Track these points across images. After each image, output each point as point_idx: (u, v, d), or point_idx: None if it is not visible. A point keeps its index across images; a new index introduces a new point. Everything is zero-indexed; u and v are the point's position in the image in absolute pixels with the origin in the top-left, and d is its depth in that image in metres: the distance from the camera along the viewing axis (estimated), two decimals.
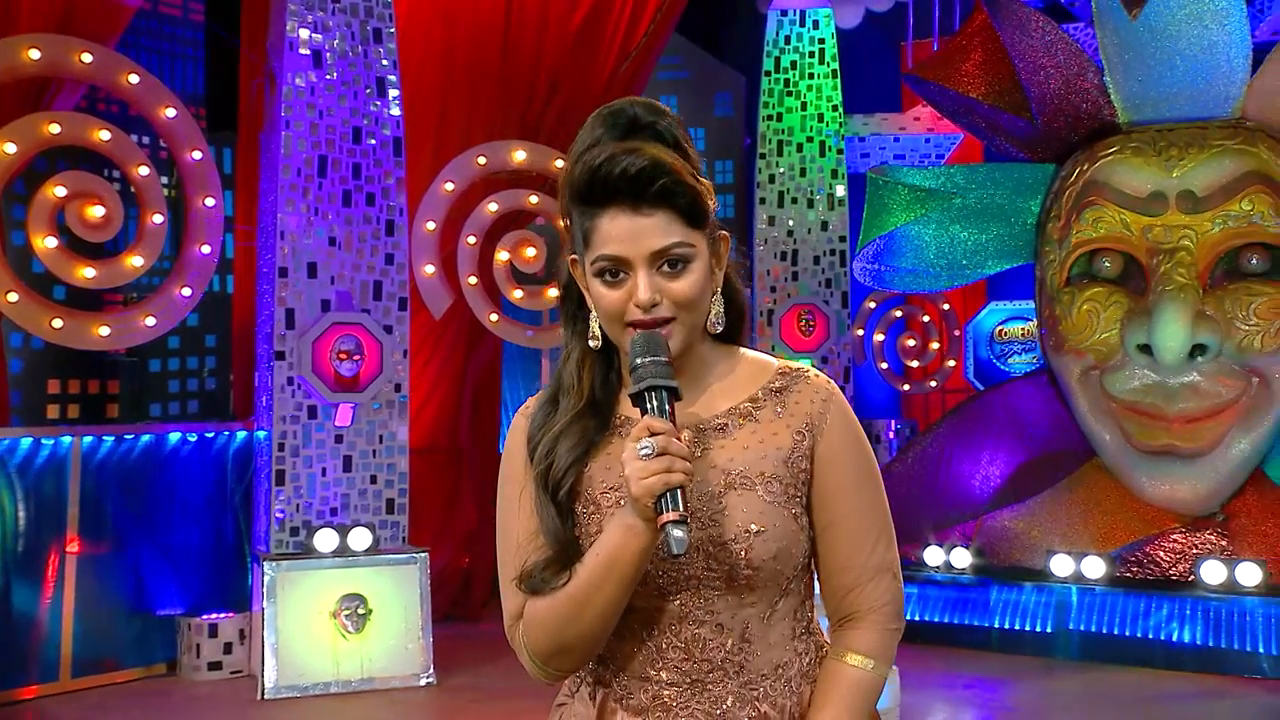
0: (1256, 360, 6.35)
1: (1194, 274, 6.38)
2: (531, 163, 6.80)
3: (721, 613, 1.59)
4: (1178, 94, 6.58)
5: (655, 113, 1.62)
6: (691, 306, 1.58)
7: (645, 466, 1.46)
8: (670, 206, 1.55)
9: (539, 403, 1.71)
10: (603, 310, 1.59)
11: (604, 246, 1.56)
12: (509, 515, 1.68)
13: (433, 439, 7.35)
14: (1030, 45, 6.65)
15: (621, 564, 1.53)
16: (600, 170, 1.54)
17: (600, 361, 1.66)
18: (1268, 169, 6.44)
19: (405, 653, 5.85)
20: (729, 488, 1.59)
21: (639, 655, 1.63)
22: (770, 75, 8.81)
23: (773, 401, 1.64)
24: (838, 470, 1.63)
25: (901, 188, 6.82)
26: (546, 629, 1.59)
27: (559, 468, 1.61)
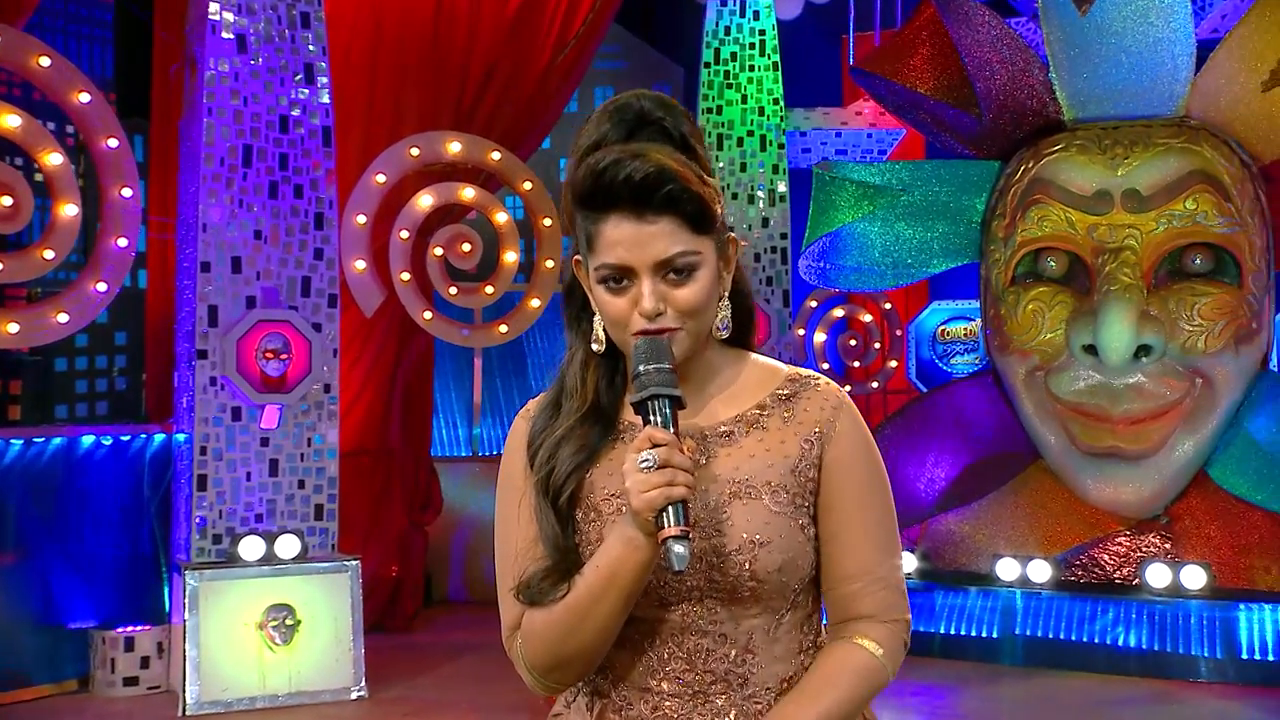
0: (1200, 361, 6.51)
1: (1139, 274, 6.53)
2: (467, 154, 6.76)
3: (725, 623, 1.60)
4: (1123, 91, 6.72)
5: (664, 108, 1.61)
6: (697, 315, 1.58)
7: (646, 479, 1.46)
8: (676, 213, 1.54)
9: (540, 405, 1.70)
10: (606, 317, 1.59)
11: (607, 254, 1.56)
12: (508, 522, 1.68)
13: (360, 441, 7.28)
14: (976, 40, 6.76)
15: (621, 578, 1.53)
16: (604, 175, 1.54)
17: (605, 365, 1.66)
18: (1211, 168, 6.61)
19: (335, 665, 5.79)
20: (734, 497, 1.59)
21: (639, 665, 1.62)
22: (710, 67, 8.85)
23: (780, 409, 1.65)
24: (845, 479, 1.63)
25: (848, 184, 6.90)
26: (545, 641, 1.59)
27: (560, 473, 1.61)
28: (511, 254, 6.82)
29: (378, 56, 7.35)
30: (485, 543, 8.57)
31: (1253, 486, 6.50)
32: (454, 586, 8.62)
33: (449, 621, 7.84)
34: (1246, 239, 6.59)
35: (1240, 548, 6.54)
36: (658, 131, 1.60)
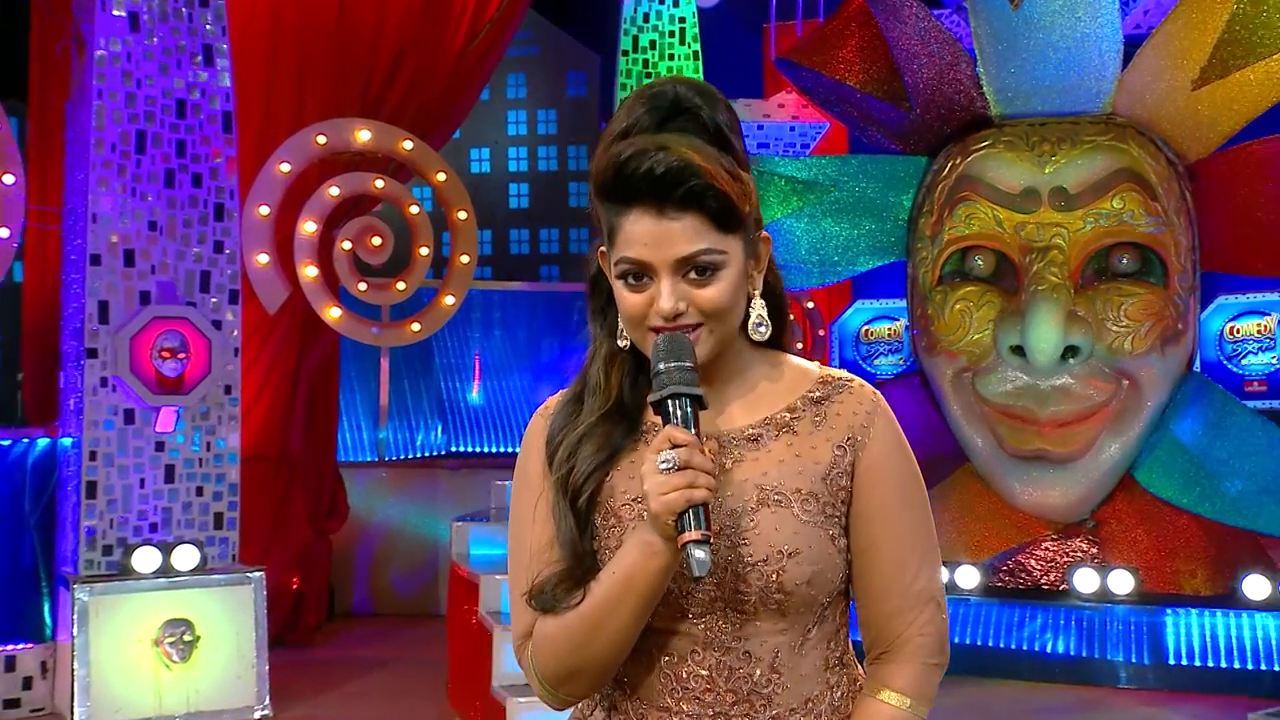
0: (1126, 362, 6.67)
1: (1066, 273, 6.67)
2: (377, 143, 6.69)
3: (750, 639, 1.56)
4: (1050, 87, 6.86)
5: (701, 95, 1.58)
6: (720, 315, 1.55)
7: (666, 481, 1.43)
8: (699, 210, 1.51)
9: (560, 402, 1.67)
10: (624, 313, 1.56)
11: (627, 249, 1.53)
12: (522, 524, 1.64)
13: (260, 446, 7.15)
14: (904, 32, 6.85)
15: (639, 585, 1.49)
16: (625, 167, 1.51)
17: (630, 361, 1.62)
18: (1138, 167, 6.77)
19: (237, 683, 5.68)
20: (761, 504, 1.55)
21: (658, 683, 1.59)
22: (628, 55, 8.86)
23: (812, 412, 1.61)
24: (881, 488, 1.59)
25: (778, 179, 6.95)
26: (557, 651, 1.55)
27: (580, 473, 1.57)
28: (425, 248, 6.76)
29: (278, 39, 7.23)
30: (392, 552, 8.49)
31: (1179, 490, 6.67)
32: (359, 598, 8.52)
33: (354, 636, 7.75)
34: (1172, 239, 6.77)
35: (1167, 552, 6.72)
36: (691, 120, 1.56)
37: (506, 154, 9.26)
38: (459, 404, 9.17)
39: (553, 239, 9.04)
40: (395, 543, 8.55)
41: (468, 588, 5.62)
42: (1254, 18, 6.31)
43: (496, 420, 9.14)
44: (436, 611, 8.45)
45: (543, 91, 9.33)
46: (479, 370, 9.15)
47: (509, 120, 9.32)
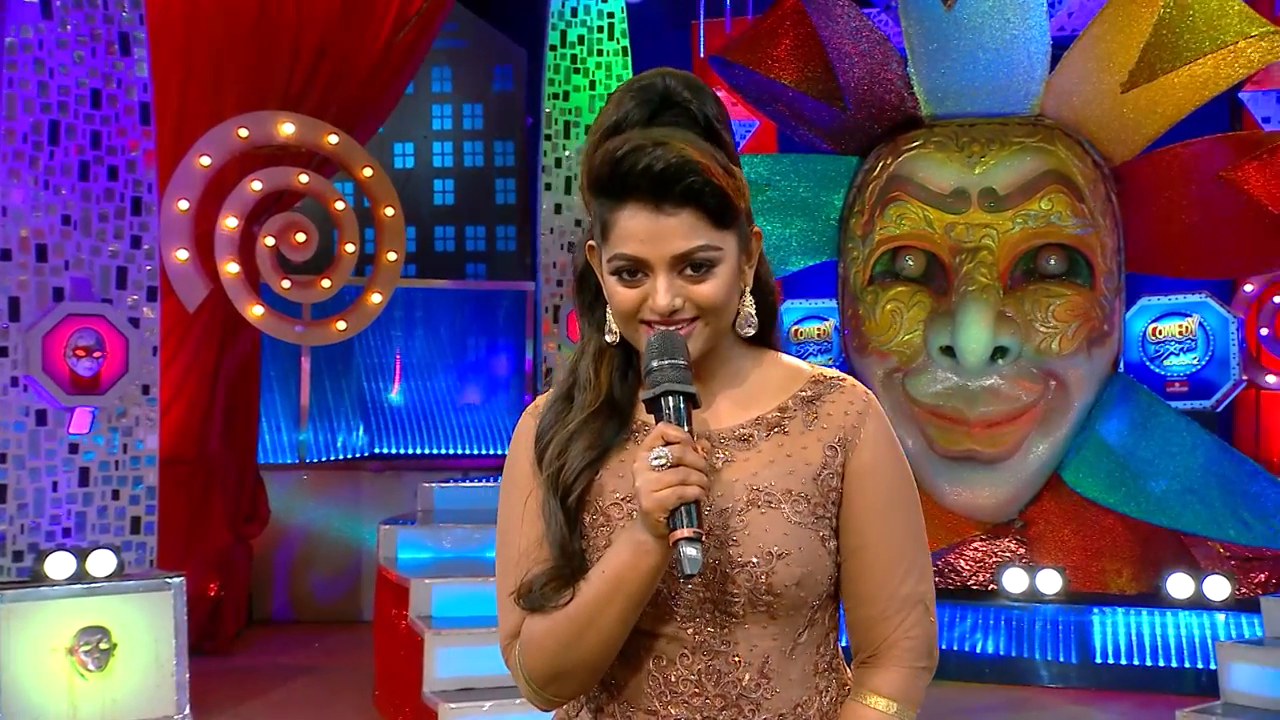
0: (1054, 363, 6.82)
1: (995, 274, 6.79)
2: (301, 137, 6.62)
3: (740, 643, 1.56)
4: (980, 88, 6.99)
5: (690, 88, 1.59)
6: (716, 311, 1.56)
7: (658, 478, 1.43)
8: (696, 206, 1.51)
9: (549, 400, 1.66)
10: (616, 309, 1.57)
11: (622, 245, 1.53)
12: (510, 523, 1.63)
13: (177, 448, 7.05)
14: (836, 31, 6.94)
15: (629, 584, 1.50)
16: (622, 163, 1.51)
17: (619, 357, 1.63)
18: (1065, 168, 6.92)
19: (156, 692, 5.59)
20: (751, 505, 1.56)
21: (646, 686, 1.59)
22: (556, 50, 8.85)
23: (803, 411, 1.61)
24: (871, 489, 1.60)
25: None
26: (544, 651, 1.55)
27: (570, 471, 1.57)
28: (350, 245, 6.70)
29: (193, 27, 7.13)
30: (312, 557, 8.41)
31: (1105, 489, 6.83)
32: (278, 605, 8.42)
33: (274, 643, 7.66)
34: (1099, 240, 6.93)
35: (1093, 551, 6.88)
36: (682, 114, 1.57)
37: (431, 149, 9.22)
38: (382, 405, 9.11)
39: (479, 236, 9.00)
40: (316, 547, 8.47)
41: (397, 592, 5.59)
42: (1180, 22, 6.48)
43: (421, 421, 9.09)
44: (360, 618, 8.38)
45: (468, 86, 9.28)
46: (399, 370, 9.09)
47: (434, 115, 9.26)
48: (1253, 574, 7.17)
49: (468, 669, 5.00)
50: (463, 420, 9.16)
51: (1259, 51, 6.58)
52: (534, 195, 9.26)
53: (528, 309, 9.12)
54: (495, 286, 9.44)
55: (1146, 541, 6.86)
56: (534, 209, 9.29)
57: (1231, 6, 6.45)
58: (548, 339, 8.66)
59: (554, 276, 8.69)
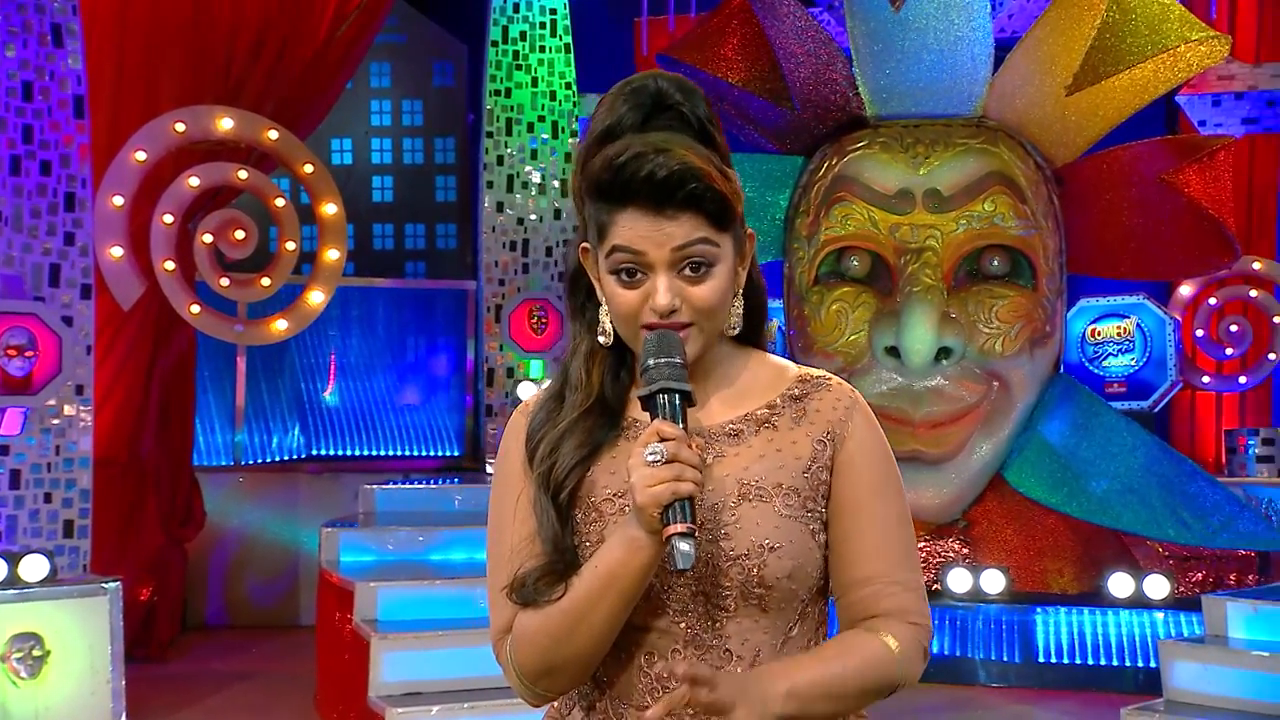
0: (997, 364, 6.93)
1: (939, 275, 6.89)
2: (240, 132, 6.56)
3: (731, 637, 1.60)
4: (924, 89, 7.09)
5: (682, 90, 1.63)
6: (712, 313, 1.60)
7: (653, 474, 1.47)
8: (697, 211, 1.56)
9: (540, 400, 1.69)
10: (615, 309, 1.60)
11: (623, 245, 1.57)
12: (502, 520, 1.66)
13: (110, 450, 6.94)
14: (781, 30, 7.00)
15: (622, 580, 1.53)
16: (624, 170, 1.54)
17: (610, 358, 1.66)
18: (1008, 170, 7.04)
19: (91, 700, 5.51)
20: (742, 499, 1.60)
21: (638, 681, 1.62)
22: (498, 46, 8.85)
23: (792, 409, 1.66)
24: (860, 478, 1.64)
25: None
26: (536, 646, 1.58)
27: (562, 468, 1.61)
28: (291, 243, 6.65)
29: (127, 18, 7.04)
30: (248, 561, 8.33)
31: (1047, 490, 6.95)
32: (213, 610, 8.34)
33: (209, 648, 7.58)
34: (1041, 242, 7.05)
35: (1036, 551, 7.01)
36: (675, 117, 1.62)
37: (370, 145, 9.14)
38: (318, 405, 9.04)
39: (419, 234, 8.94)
40: (252, 551, 8.39)
41: (340, 596, 5.55)
42: (1122, 26, 6.61)
43: (359, 422, 9.03)
44: (297, 622, 8.33)
45: (408, 81, 9.21)
46: (333, 371, 9.03)
47: (372, 110, 9.19)
48: (1190, 573, 7.35)
49: (414, 673, 4.99)
50: (402, 421, 9.12)
51: (1198, 55, 6.74)
52: (475, 193, 9.25)
53: (469, 308, 9.10)
54: (435, 285, 9.39)
55: (1088, 541, 6.99)
56: (475, 207, 9.27)
57: (1172, 11, 6.60)
58: (489, 339, 8.65)
59: (496, 276, 8.69)
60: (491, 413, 8.60)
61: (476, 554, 6.17)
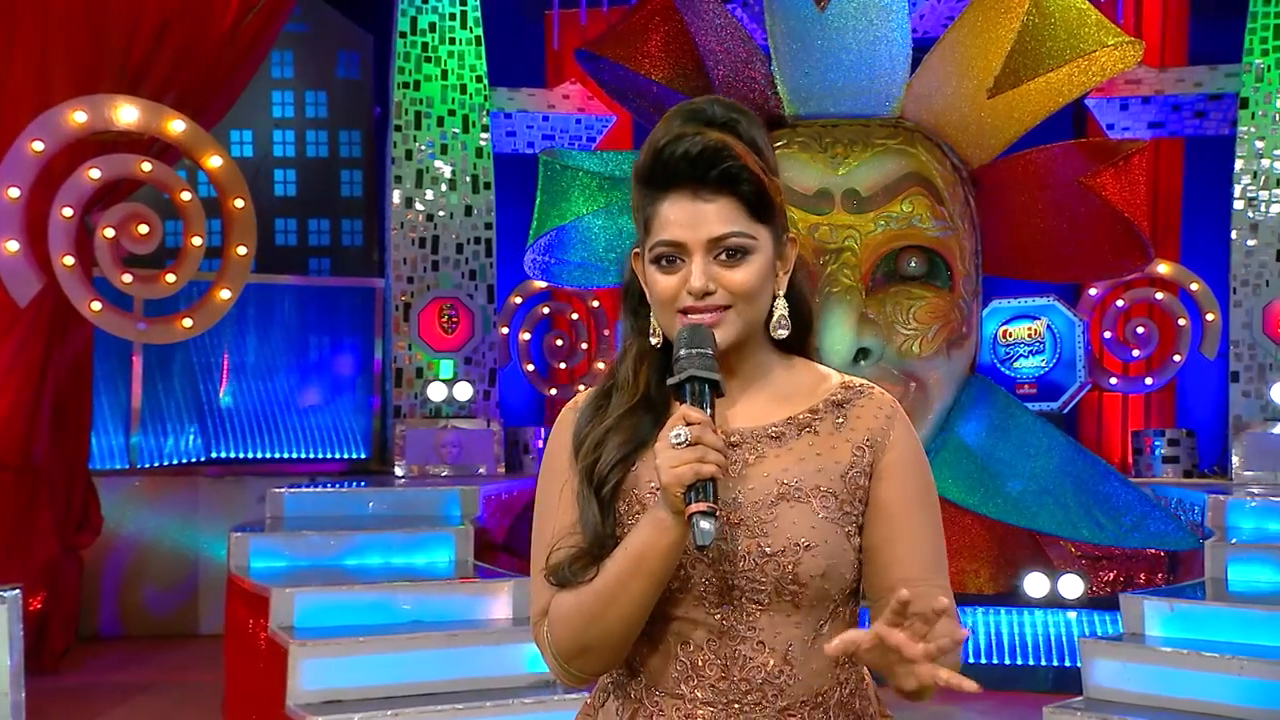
0: (914, 365, 7.08)
1: (858, 276, 7.03)
2: (144, 123, 6.45)
3: (764, 630, 1.69)
4: (842, 89, 7.22)
5: (736, 111, 1.73)
6: (748, 298, 1.69)
7: (678, 455, 1.56)
8: (733, 193, 1.67)
9: (589, 397, 1.80)
10: (656, 296, 1.70)
11: (662, 232, 1.68)
12: (547, 509, 1.76)
13: (2, 454, 6.79)
14: (701, 27, 7.09)
15: (649, 560, 1.62)
16: (664, 152, 1.66)
17: (659, 360, 1.75)
18: (926, 171, 7.20)
19: None
20: (781, 498, 1.70)
21: (672, 670, 1.71)
22: (406, 37, 8.81)
23: (833, 414, 1.77)
24: (900, 485, 1.74)
25: (583, 174, 7.06)
26: (571, 626, 1.68)
27: (606, 462, 1.70)
28: (197, 238, 6.56)
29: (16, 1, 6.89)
30: (144, 568, 8.20)
31: (964, 491, 7.12)
32: (106, 619, 8.18)
33: (106, 660, 7.45)
34: (958, 243, 7.23)
35: (952, 552, 7.04)
36: (729, 132, 1.72)
37: (271, 137, 8.97)
38: (218, 407, 8.90)
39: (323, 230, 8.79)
40: (149, 558, 8.25)
41: (253, 602, 5.50)
42: (1042, 29, 6.81)
43: (260, 424, 8.90)
44: (197, 630, 8.21)
45: (311, 72, 9.07)
46: (226, 370, 8.90)
47: (274, 101, 9.02)
48: (1102, 573, 7.59)
49: (335, 681, 4.96)
50: (306, 422, 9.02)
51: (1113, 60, 6.97)
52: (383, 188, 9.18)
53: (376, 306, 9.04)
54: (341, 283, 9.30)
55: (1003, 542, 7.18)
56: (382, 202, 9.21)
57: (1089, 16, 6.81)
58: (398, 338, 8.61)
59: (404, 273, 8.64)
60: (400, 414, 8.55)
61: (393, 558, 6.17)
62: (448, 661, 5.13)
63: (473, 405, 8.57)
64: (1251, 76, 8.33)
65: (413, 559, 6.20)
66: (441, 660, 5.13)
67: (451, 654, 5.16)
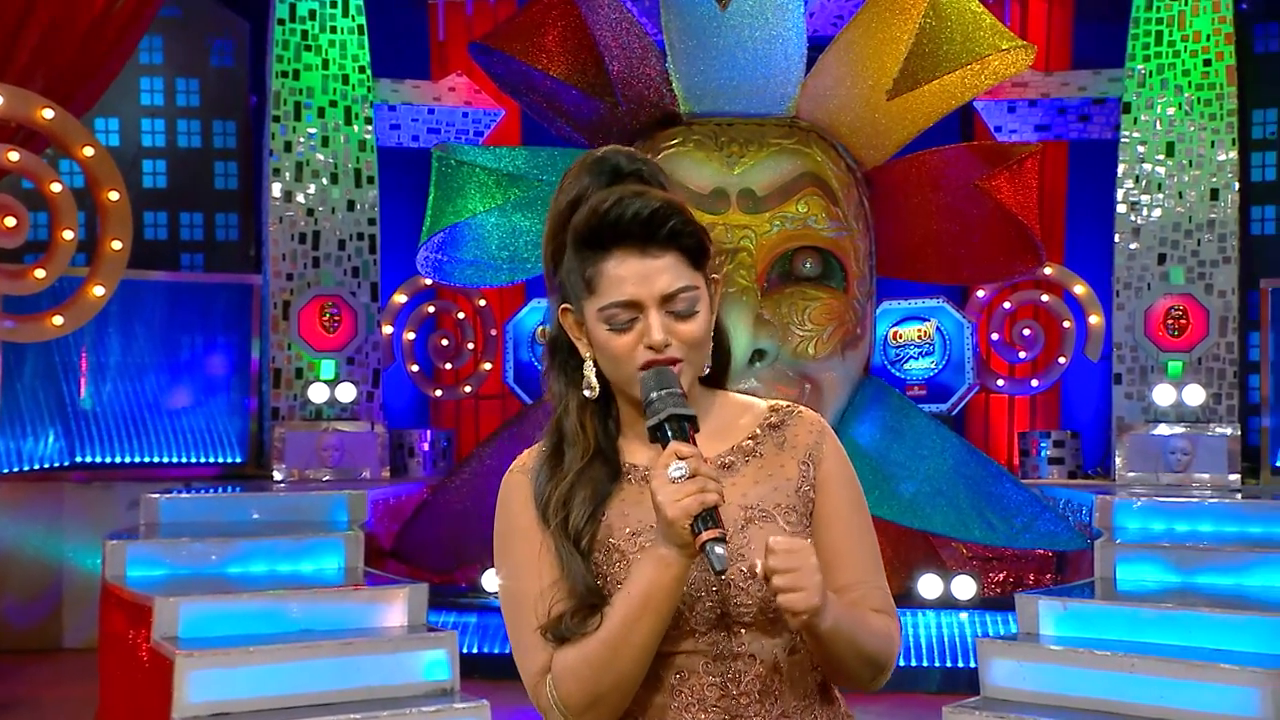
0: (809, 366, 7.21)
1: (753, 276, 7.13)
2: (11, 110, 6.29)
3: (752, 645, 1.82)
4: (738, 88, 7.32)
5: (637, 160, 1.84)
6: (698, 347, 1.80)
7: (679, 489, 1.65)
8: (678, 248, 1.77)
9: (537, 458, 1.85)
10: (610, 355, 1.78)
11: (614, 292, 1.76)
12: (525, 569, 1.81)
13: None
14: (597, 22, 7.14)
15: (655, 598, 1.70)
16: (609, 214, 1.74)
17: (599, 410, 1.84)
18: (821, 171, 7.33)
19: None
20: (748, 521, 1.82)
21: (674, 703, 1.80)
22: (284, 25, 8.70)
23: (772, 436, 1.91)
24: (837, 494, 1.91)
25: (480, 170, 7.06)
26: (580, 678, 1.74)
27: (579, 518, 1.78)
28: (68, 232, 6.41)
29: None
30: (4, 579, 8.00)
31: None
32: None
33: None
34: (852, 244, 7.38)
35: None
36: (636, 181, 1.83)
37: (139, 127, 8.73)
38: (81, 409, 8.68)
39: (195, 224, 8.58)
40: (9, 568, 8.04)
41: (133, 612, 5.40)
42: (939, 32, 7.00)
43: (129, 426, 8.70)
44: (61, 644, 8.02)
45: (182, 59, 8.86)
46: (84, 370, 8.69)
47: (142, 89, 8.78)
48: (993, 574, 7.83)
49: (223, 692, 4.91)
50: (177, 425, 8.83)
51: (1004, 63, 7.18)
52: (260, 180, 9.05)
53: (253, 304, 8.90)
54: (215, 279, 9.15)
55: (897, 543, 7.36)
56: (260, 195, 9.08)
57: (984, 20, 7.02)
58: (276, 337, 8.50)
59: (283, 270, 8.54)
60: (278, 416, 8.45)
61: (279, 566, 6.11)
62: (342, 671, 5.11)
63: (355, 407, 8.51)
64: (1134, 81, 8.65)
65: (300, 566, 6.14)
66: (335, 669, 5.11)
67: (346, 663, 5.14)
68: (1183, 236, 8.54)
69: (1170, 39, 8.56)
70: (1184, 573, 6.07)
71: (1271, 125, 9.25)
